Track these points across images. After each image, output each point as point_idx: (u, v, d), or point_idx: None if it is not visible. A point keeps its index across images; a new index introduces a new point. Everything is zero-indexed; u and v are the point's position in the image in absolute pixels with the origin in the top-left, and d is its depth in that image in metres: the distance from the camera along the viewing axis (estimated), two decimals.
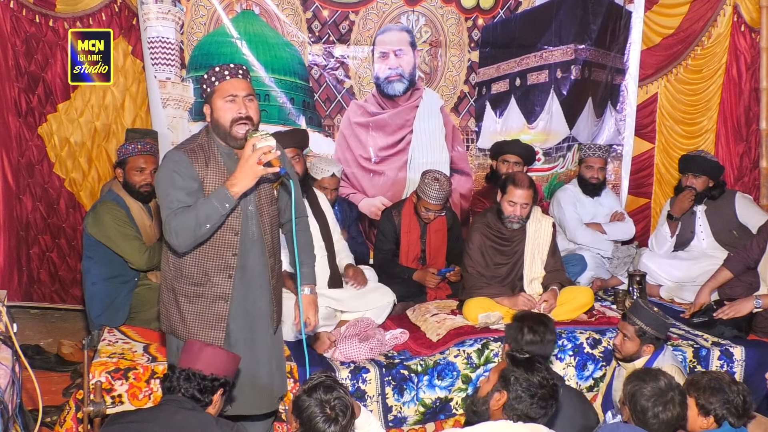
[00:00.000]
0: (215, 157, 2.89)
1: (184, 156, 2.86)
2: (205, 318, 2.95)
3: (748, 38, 5.57)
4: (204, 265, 2.91)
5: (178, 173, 2.82)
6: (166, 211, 2.80)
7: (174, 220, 2.76)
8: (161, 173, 2.87)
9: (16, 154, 5.11)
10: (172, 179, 2.81)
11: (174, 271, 2.96)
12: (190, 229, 2.75)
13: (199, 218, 2.74)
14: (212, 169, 2.88)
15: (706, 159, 4.95)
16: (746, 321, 4.23)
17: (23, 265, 5.26)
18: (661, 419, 2.79)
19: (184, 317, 2.96)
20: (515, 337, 3.23)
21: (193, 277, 2.93)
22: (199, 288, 2.93)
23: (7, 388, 2.71)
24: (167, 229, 2.81)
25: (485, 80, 5.36)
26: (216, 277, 2.92)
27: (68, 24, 4.96)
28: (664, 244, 5.05)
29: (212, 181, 2.87)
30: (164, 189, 2.83)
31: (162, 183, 2.85)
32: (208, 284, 2.93)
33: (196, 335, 2.94)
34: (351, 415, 2.51)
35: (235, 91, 2.84)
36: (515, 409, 2.52)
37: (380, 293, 4.23)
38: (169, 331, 3.04)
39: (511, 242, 4.30)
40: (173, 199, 2.79)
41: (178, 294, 2.96)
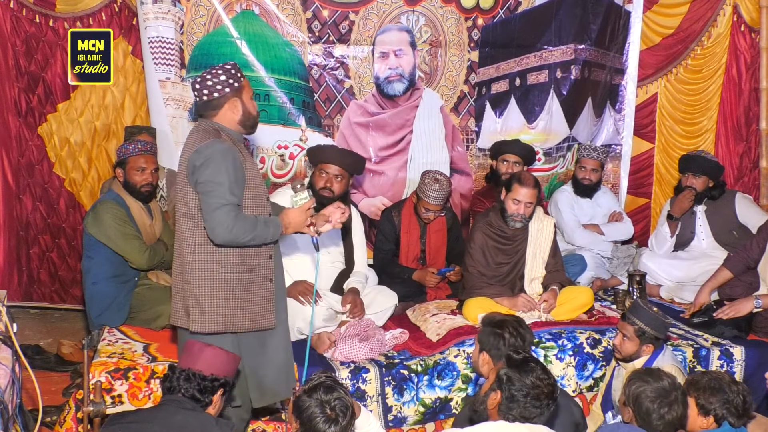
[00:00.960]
0: (241, 147, 3.08)
1: (231, 146, 2.97)
2: (260, 303, 3.08)
3: (747, 38, 5.57)
4: (251, 251, 3.03)
5: (231, 165, 2.93)
6: (222, 201, 2.88)
7: (237, 222, 2.89)
8: (213, 164, 2.90)
9: (16, 154, 5.11)
10: (226, 171, 2.91)
11: (224, 263, 3.00)
12: (243, 239, 2.93)
13: (254, 235, 2.95)
14: (247, 158, 3.07)
15: (706, 159, 4.95)
16: (746, 321, 4.24)
17: (23, 265, 5.27)
18: (666, 420, 2.79)
19: (244, 307, 3.03)
20: (496, 345, 3.02)
21: (246, 263, 3.03)
22: (252, 273, 3.05)
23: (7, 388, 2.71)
24: (224, 221, 2.87)
25: (485, 80, 5.36)
26: (262, 259, 3.08)
27: (68, 24, 4.96)
28: (664, 244, 5.05)
29: (250, 170, 3.04)
30: (220, 180, 2.89)
31: (215, 174, 2.90)
32: (257, 268, 3.06)
33: (257, 321, 3.07)
34: (351, 415, 2.51)
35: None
36: (510, 408, 2.52)
37: (383, 296, 4.23)
38: (227, 328, 3.03)
39: (513, 241, 4.30)
40: (230, 194, 2.91)
41: (234, 285, 3.02)
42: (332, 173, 4.03)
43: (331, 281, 4.19)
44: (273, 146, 5.02)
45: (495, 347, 3.01)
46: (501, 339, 3.03)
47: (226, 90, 3.01)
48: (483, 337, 3.08)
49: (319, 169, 4.07)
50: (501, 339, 3.03)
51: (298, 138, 5.06)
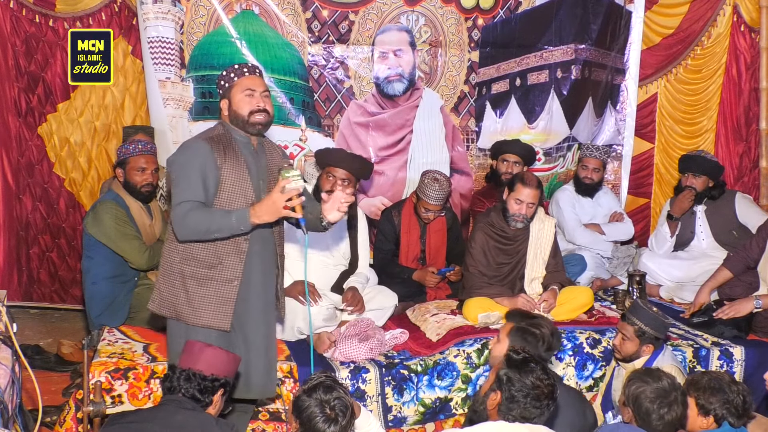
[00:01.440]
0: (233, 147, 3.03)
1: (205, 144, 2.97)
2: (214, 301, 3.01)
3: (747, 38, 5.57)
4: (215, 248, 2.99)
5: (198, 163, 2.92)
6: (179, 199, 2.89)
7: (188, 216, 2.86)
8: (179, 159, 2.96)
9: (15, 153, 5.11)
10: (191, 168, 2.91)
11: (183, 254, 3.00)
12: (201, 231, 2.89)
13: (212, 226, 2.87)
14: (230, 158, 3.00)
15: (706, 159, 4.95)
16: (746, 321, 4.24)
17: (23, 265, 5.26)
18: (666, 420, 2.79)
19: (191, 300, 3.00)
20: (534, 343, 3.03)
21: (206, 260, 2.99)
22: (210, 271, 3.00)
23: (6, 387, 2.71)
24: (177, 217, 2.88)
25: (485, 80, 5.36)
26: (228, 260, 3.01)
27: (68, 24, 4.96)
28: (664, 244, 5.05)
29: (230, 170, 2.99)
30: (181, 176, 2.92)
31: (179, 170, 2.93)
32: (219, 267, 3.00)
33: (202, 318, 3.00)
34: (351, 415, 2.51)
35: (253, 86, 3.07)
36: (510, 409, 2.51)
37: (383, 296, 4.23)
38: (173, 315, 3.04)
39: (515, 242, 4.30)
40: (190, 191, 2.89)
41: (187, 277, 3.00)
42: (339, 177, 4.03)
43: (333, 282, 4.18)
44: None
45: (532, 345, 3.02)
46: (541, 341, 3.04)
47: (219, 92, 3.11)
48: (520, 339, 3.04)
49: (326, 172, 4.07)
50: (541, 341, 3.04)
51: (297, 138, 5.06)
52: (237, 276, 3.02)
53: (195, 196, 2.90)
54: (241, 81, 3.06)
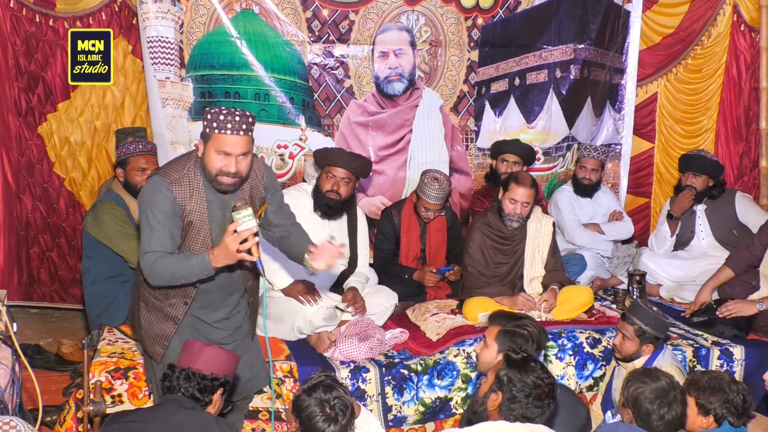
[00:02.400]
0: (199, 190, 2.93)
1: (166, 188, 2.88)
2: (152, 331, 3.10)
3: (747, 38, 5.57)
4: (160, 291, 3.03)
5: (162, 209, 2.86)
6: (144, 249, 2.87)
7: (154, 266, 2.85)
8: (145, 204, 2.89)
9: (15, 153, 5.11)
10: (155, 215, 2.86)
11: (141, 277, 3.03)
12: (166, 279, 2.89)
13: (176, 275, 2.86)
14: (195, 202, 2.93)
15: (706, 158, 4.95)
16: (746, 320, 4.24)
17: (23, 265, 5.26)
18: (666, 420, 2.79)
19: (139, 321, 3.16)
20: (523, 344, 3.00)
21: (153, 292, 3.04)
22: (157, 301, 3.07)
23: (7, 387, 2.72)
24: (144, 267, 2.89)
25: (484, 80, 5.36)
26: (174, 299, 3.04)
27: (68, 24, 4.96)
28: (664, 244, 5.05)
29: (193, 213, 2.94)
30: (147, 224, 2.88)
31: (145, 215, 2.89)
32: (165, 302, 3.05)
33: (143, 342, 3.17)
34: (351, 414, 2.51)
35: (231, 149, 2.84)
36: (511, 409, 2.51)
37: (383, 296, 4.23)
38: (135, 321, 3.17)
39: (512, 241, 4.31)
40: (157, 242, 2.86)
41: (141, 300, 3.10)
42: (339, 176, 4.03)
43: (333, 282, 4.19)
44: (273, 146, 5.02)
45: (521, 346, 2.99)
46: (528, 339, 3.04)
47: (202, 131, 2.90)
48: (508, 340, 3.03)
49: (326, 172, 4.07)
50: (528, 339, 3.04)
51: (297, 137, 5.06)
52: (178, 318, 3.04)
53: (159, 246, 2.86)
54: (220, 138, 2.83)
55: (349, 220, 4.22)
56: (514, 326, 3.08)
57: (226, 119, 2.80)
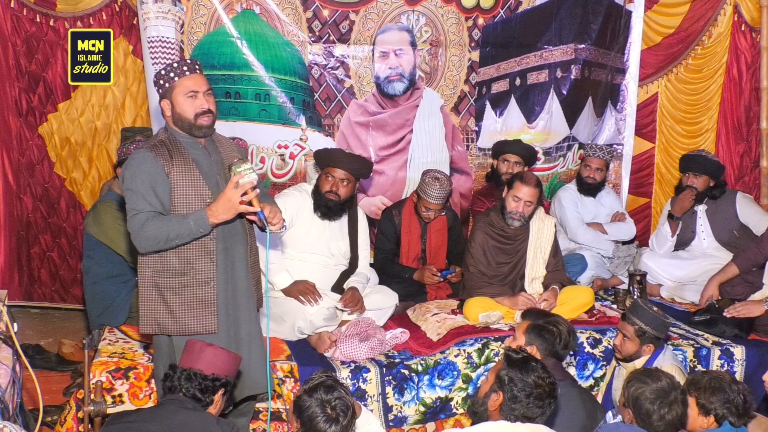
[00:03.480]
0: (179, 150, 2.96)
1: (149, 153, 2.91)
2: (195, 306, 2.97)
3: (748, 38, 5.57)
4: (184, 253, 2.94)
5: (145, 173, 2.87)
6: (134, 212, 2.86)
7: (145, 227, 2.83)
8: (128, 172, 2.90)
9: (16, 153, 5.11)
10: (138, 180, 2.87)
11: (153, 267, 2.95)
12: (161, 240, 2.85)
13: (171, 234, 2.84)
14: (177, 162, 2.94)
15: (707, 158, 4.95)
16: (747, 320, 4.24)
17: (24, 265, 5.27)
18: (666, 420, 2.78)
19: (173, 311, 2.96)
20: (551, 340, 3.09)
21: (177, 268, 2.95)
22: (183, 278, 2.96)
23: (7, 387, 2.72)
24: (134, 230, 2.85)
25: (485, 80, 5.36)
26: (198, 263, 2.96)
27: (69, 24, 4.96)
28: (665, 244, 5.04)
29: (179, 174, 2.93)
30: (132, 188, 2.88)
31: (128, 183, 2.89)
32: (191, 272, 2.96)
33: (188, 326, 2.96)
34: (352, 415, 2.51)
35: (196, 87, 2.95)
36: (512, 409, 2.51)
37: (383, 296, 4.23)
38: (159, 331, 2.99)
39: (514, 241, 4.31)
40: (142, 201, 2.85)
41: (163, 288, 2.96)
42: (339, 177, 4.02)
43: (333, 282, 4.19)
44: (273, 146, 5.02)
45: (549, 342, 3.06)
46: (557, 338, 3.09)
47: (159, 91, 2.98)
48: (538, 335, 3.08)
49: (325, 173, 4.06)
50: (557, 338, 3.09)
51: (298, 137, 5.06)
52: (211, 277, 2.98)
53: (148, 206, 2.85)
54: (182, 81, 2.93)
55: (349, 220, 4.22)
56: (545, 322, 3.11)
57: (180, 66, 2.95)
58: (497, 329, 4.03)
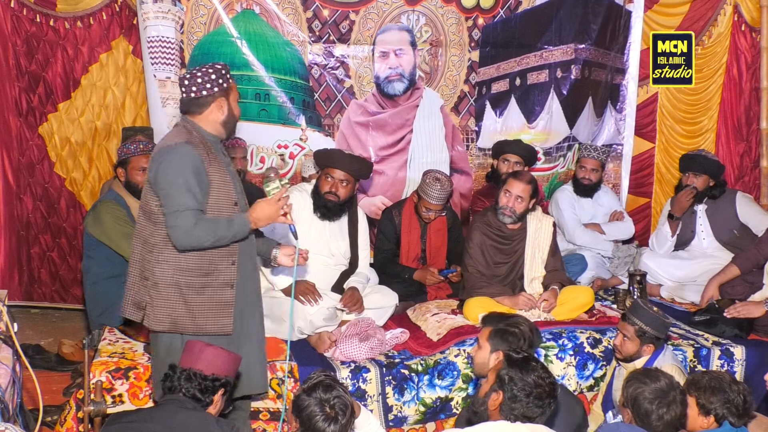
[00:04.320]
0: (211, 150, 2.99)
1: (191, 148, 2.90)
2: (214, 307, 2.99)
3: (748, 38, 5.57)
4: (208, 254, 2.96)
5: (191, 167, 2.88)
6: (181, 207, 2.84)
7: (198, 227, 2.84)
8: (170, 167, 2.87)
9: (16, 153, 5.11)
10: (186, 175, 2.86)
11: (176, 265, 2.95)
12: (206, 242, 2.89)
13: (218, 236, 2.90)
14: (213, 161, 2.97)
15: (706, 158, 4.94)
16: (747, 320, 4.24)
17: (24, 265, 5.27)
18: (665, 420, 2.78)
19: (192, 310, 2.97)
20: (515, 342, 3.07)
21: (201, 268, 2.96)
22: (206, 278, 2.97)
23: (7, 387, 2.72)
24: (183, 227, 2.84)
25: (485, 80, 5.37)
26: (222, 265, 2.99)
27: (69, 23, 4.97)
28: (665, 244, 5.04)
29: (215, 173, 2.97)
30: (177, 183, 2.85)
31: (173, 176, 2.86)
32: (215, 273, 2.98)
33: (206, 326, 2.98)
34: (351, 414, 2.51)
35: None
36: (512, 409, 2.51)
37: (383, 296, 4.23)
38: (173, 329, 2.99)
39: (512, 241, 4.31)
40: (190, 198, 2.86)
41: (184, 287, 2.95)
42: (338, 178, 4.02)
43: (333, 282, 4.19)
44: (273, 146, 5.02)
45: (514, 345, 3.05)
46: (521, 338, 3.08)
47: (215, 89, 2.98)
48: (502, 339, 3.06)
49: (325, 173, 4.06)
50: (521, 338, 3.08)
51: (298, 137, 5.07)
52: (233, 279, 3.02)
53: (195, 203, 2.87)
54: (234, 84, 3.08)
55: (349, 220, 4.22)
56: (506, 325, 3.10)
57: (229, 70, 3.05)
58: None
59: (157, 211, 2.93)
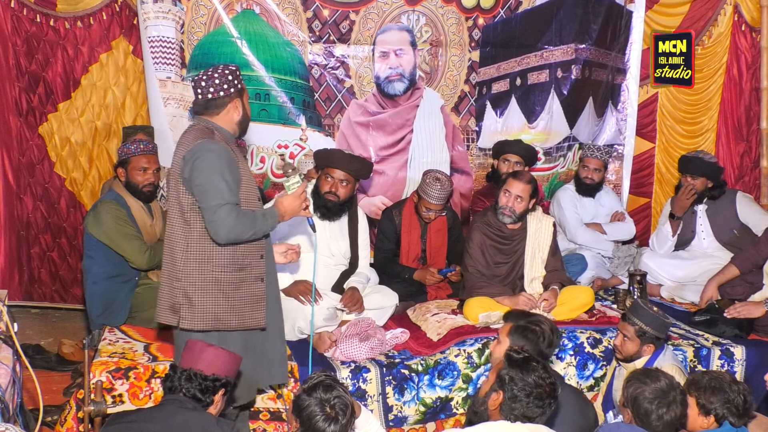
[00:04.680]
0: (232, 147, 3.09)
1: (224, 145, 2.99)
2: (249, 301, 3.07)
3: (748, 38, 5.57)
4: (240, 249, 3.02)
5: (229, 163, 2.95)
6: (223, 200, 2.88)
7: (239, 220, 2.89)
8: (206, 163, 2.90)
9: (16, 153, 5.11)
10: (223, 171, 2.91)
11: (215, 262, 3.00)
12: (246, 235, 2.94)
13: (255, 230, 2.97)
14: (240, 159, 3.08)
15: (703, 161, 4.91)
16: (747, 320, 4.24)
17: (24, 265, 5.27)
18: (665, 420, 2.78)
19: (233, 305, 3.03)
20: (535, 340, 3.07)
21: (237, 263, 3.02)
22: (242, 272, 3.04)
23: (7, 387, 2.72)
24: (225, 220, 2.87)
25: (486, 80, 5.36)
26: (253, 259, 3.07)
27: (69, 23, 4.97)
28: (665, 244, 5.04)
29: (243, 170, 3.06)
30: (216, 177, 2.90)
31: (213, 170, 2.90)
32: (248, 268, 3.06)
33: (246, 321, 3.06)
34: (351, 414, 2.51)
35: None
36: (512, 408, 2.51)
37: (383, 296, 4.23)
38: (216, 326, 3.02)
39: (511, 241, 4.31)
40: (229, 192, 2.91)
41: (224, 283, 3.01)
42: (338, 178, 4.02)
43: (333, 282, 4.19)
44: (273, 146, 5.02)
45: (534, 342, 3.05)
46: (541, 337, 3.08)
47: (231, 90, 3.04)
48: (520, 335, 3.08)
49: (324, 174, 4.06)
50: (541, 337, 3.08)
51: (298, 137, 5.07)
52: (263, 274, 3.10)
53: (234, 198, 2.93)
54: (244, 85, 3.14)
55: (349, 220, 4.22)
56: (527, 322, 3.10)
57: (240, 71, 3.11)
58: (497, 329, 4.02)
59: (190, 209, 2.97)
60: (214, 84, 3.00)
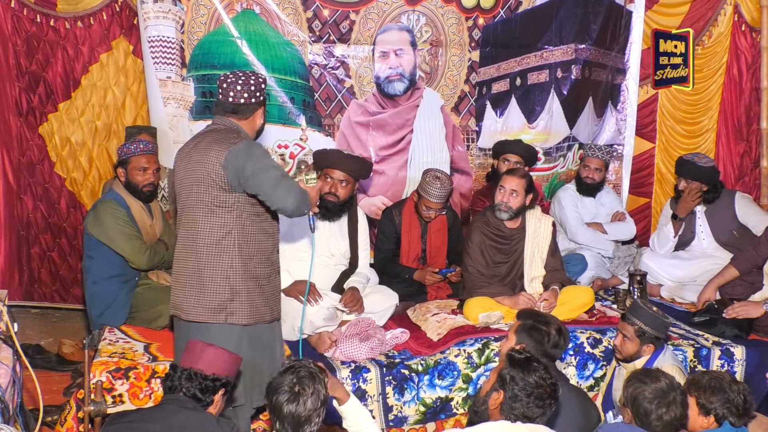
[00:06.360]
0: None
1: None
2: (275, 294, 3.22)
3: (748, 38, 5.57)
4: (263, 245, 3.13)
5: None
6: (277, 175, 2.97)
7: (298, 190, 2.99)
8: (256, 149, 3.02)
9: (17, 153, 5.11)
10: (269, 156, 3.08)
11: (255, 258, 3.09)
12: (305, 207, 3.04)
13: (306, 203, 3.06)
14: None
15: (696, 165, 4.84)
16: (747, 320, 4.24)
17: (24, 265, 5.27)
18: (664, 420, 2.78)
19: (268, 298, 3.15)
20: (539, 340, 3.08)
21: (267, 258, 3.15)
22: (272, 266, 3.18)
23: (7, 387, 2.72)
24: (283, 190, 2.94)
25: (486, 80, 5.37)
26: (273, 252, 3.20)
27: (69, 23, 4.97)
28: (666, 244, 5.04)
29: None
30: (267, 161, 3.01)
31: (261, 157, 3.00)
32: (275, 261, 3.21)
33: (274, 313, 3.19)
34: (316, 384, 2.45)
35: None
36: (513, 408, 2.51)
37: (383, 296, 4.23)
38: (257, 320, 3.12)
39: (511, 240, 4.31)
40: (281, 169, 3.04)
41: (261, 278, 3.12)
42: (337, 178, 4.02)
43: (333, 282, 4.19)
44: (273, 145, 5.02)
45: (538, 342, 3.06)
46: (546, 336, 3.09)
47: (261, 98, 3.16)
48: (527, 333, 3.09)
49: (324, 174, 4.06)
50: (546, 336, 3.09)
51: (298, 137, 5.07)
52: (279, 266, 3.24)
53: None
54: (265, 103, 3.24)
55: (349, 220, 4.22)
56: (535, 322, 3.11)
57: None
58: (497, 329, 4.04)
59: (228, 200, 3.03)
60: (249, 90, 3.09)
